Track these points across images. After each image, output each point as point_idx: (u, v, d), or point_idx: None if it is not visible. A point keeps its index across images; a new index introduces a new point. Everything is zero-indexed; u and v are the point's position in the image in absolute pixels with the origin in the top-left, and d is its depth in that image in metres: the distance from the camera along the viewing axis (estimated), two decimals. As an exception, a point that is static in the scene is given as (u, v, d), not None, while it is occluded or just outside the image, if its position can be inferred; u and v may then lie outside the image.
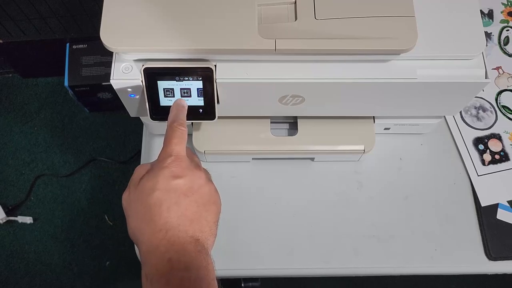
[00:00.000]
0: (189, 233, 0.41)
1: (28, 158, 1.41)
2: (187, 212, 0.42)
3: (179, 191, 0.42)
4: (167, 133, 0.46)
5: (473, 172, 0.69)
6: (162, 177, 0.43)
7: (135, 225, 0.43)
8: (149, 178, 0.43)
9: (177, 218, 0.41)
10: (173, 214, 0.41)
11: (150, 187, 0.42)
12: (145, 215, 0.42)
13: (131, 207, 0.44)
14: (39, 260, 1.32)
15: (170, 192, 0.42)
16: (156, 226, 0.41)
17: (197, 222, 0.42)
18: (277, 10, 0.51)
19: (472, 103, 0.73)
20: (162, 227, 0.41)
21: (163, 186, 0.42)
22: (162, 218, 0.41)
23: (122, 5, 0.49)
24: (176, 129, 0.46)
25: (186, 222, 0.42)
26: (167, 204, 0.42)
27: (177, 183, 0.42)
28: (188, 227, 0.42)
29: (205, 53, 0.49)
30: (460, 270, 0.64)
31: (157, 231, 0.41)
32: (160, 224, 0.41)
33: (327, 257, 0.64)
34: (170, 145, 0.45)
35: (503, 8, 0.79)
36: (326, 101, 0.56)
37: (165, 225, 0.41)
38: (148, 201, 0.42)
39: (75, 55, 1.25)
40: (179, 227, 0.41)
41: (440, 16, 0.52)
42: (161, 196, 0.42)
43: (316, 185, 0.68)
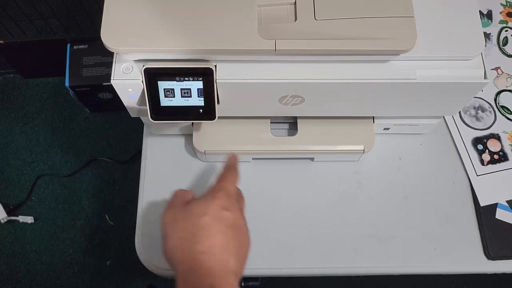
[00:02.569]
0: (229, 264, 0.43)
1: (29, 158, 1.42)
2: (230, 244, 0.44)
3: (226, 223, 0.45)
4: (224, 171, 0.52)
5: (472, 172, 0.69)
6: (214, 205, 0.45)
7: (176, 243, 0.45)
8: (200, 203, 0.46)
9: (221, 246, 0.43)
10: (218, 242, 0.43)
11: (201, 211, 0.45)
12: (192, 235, 0.44)
13: (176, 225, 0.46)
14: (40, 259, 1.32)
15: (219, 221, 0.45)
16: (202, 247, 0.43)
17: (236, 256, 0.44)
18: (277, 11, 0.51)
19: (471, 103, 0.74)
20: (207, 250, 0.43)
21: (213, 213, 0.45)
22: (208, 241, 0.43)
23: (122, 6, 0.49)
24: (233, 170, 0.52)
25: (228, 253, 0.44)
26: (215, 230, 0.44)
27: (226, 214, 0.45)
28: (229, 258, 0.43)
29: (205, 53, 0.50)
30: (460, 269, 0.64)
31: (201, 253, 0.42)
32: (206, 247, 0.43)
33: (327, 257, 0.64)
34: (225, 181, 0.49)
35: (502, 9, 0.80)
36: (326, 101, 0.57)
37: (210, 249, 0.43)
38: (198, 222, 0.44)
39: (75, 55, 1.25)
40: (222, 255, 0.43)
41: (439, 16, 0.53)
42: (210, 221, 0.44)
43: (316, 185, 0.69)
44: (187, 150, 0.70)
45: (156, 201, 0.67)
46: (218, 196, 0.47)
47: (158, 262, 0.64)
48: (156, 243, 0.65)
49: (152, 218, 0.66)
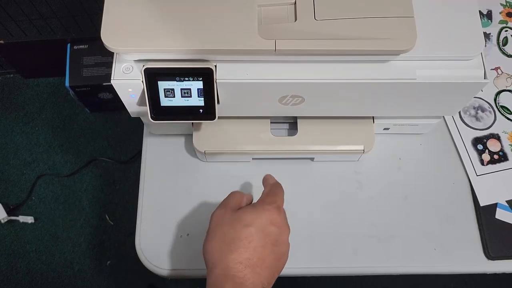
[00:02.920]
0: (261, 278, 0.44)
1: (29, 158, 1.42)
2: (267, 258, 0.45)
3: (269, 238, 0.46)
4: (276, 186, 0.53)
5: (472, 172, 0.69)
6: (262, 216, 0.47)
7: (217, 245, 0.46)
8: (250, 212, 0.47)
9: (258, 260, 0.45)
10: (256, 255, 0.45)
11: (249, 220, 0.46)
12: (233, 242, 0.45)
13: (221, 228, 0.47)
14: (40, 259, 1.32)
15: (262, 234, 0.46)
16: (239, 257, 0.44)
17: (270, 271, 0.46)
18: (277, 11, 0.51)
19: (471, 103, 0.74)
20: (243, 261, 0.44)
21: (259, 225, 0.46)
22: (247, 252, 0.44)
23: (123, 6, 0.49)
24: (281, 188, 0.54)
25: (263, 267, 0.45)
26: (256, 243, 0.45)
27: (271, 229, 0.46)
28: (263, 272, 0.45)
29: (205, 53, 0.50)
30: (459, 269, 0.64)
31: (238, 262, 0.44)
32: (243, 257, 0.44)
33: (327, 257, 0.64)
34: (277, 196, 0.51)
35: (502, 9, 0.80)
36: (326, 101, 0.57)
37: (247, 261, 0.44)
38: (242, 232, 0.45)
39: (76, 55, 1.25)
40: (257, 269, 0.44)
41: (439, 16, 0.53)
42: (254, 233, 0.45)
43: (316, 185, 0.69)
44: (187, 150, 0.70)
45: (156, 201, 0.67)
46: (268, 209, 0.48)
47: (158, 262, 0.64)
48: (156, 243, 0.65)
49: (152, 218, 0.66)
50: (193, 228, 0.66)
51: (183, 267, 0.64)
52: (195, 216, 0.66)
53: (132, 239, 0.65)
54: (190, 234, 0.65)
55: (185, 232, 0.65)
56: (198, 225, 0.66)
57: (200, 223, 0.66)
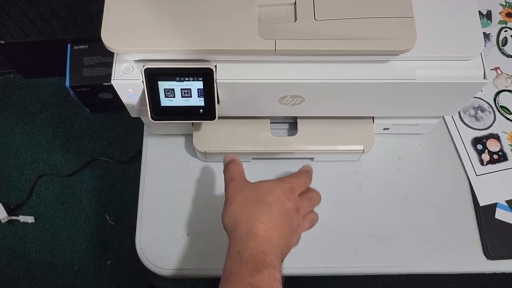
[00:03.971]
0: (279, 243, 0.46)
1: (29, 158, 1.42)
2: (282, 227, 0.47)
3: (284, 208, 0.48)
4: (299, 172, 0.54)
5: (471, 172, 0.69)
6: (279, 189, 0.49)
7: (239, 207, 0.48)
8: (267, 184, 0.50)
9: (276, 225, 0.47)
10: (275, 220, 0.47)
11: (267, 189, 0.49)
12: (255, 205, 0.47)
13: (241, 193, 0.49)
14: (40, 259, 1.32)
15: (279, 203, 0.48)
16: (262, 217, 0.46)
17: (285, 240, 0.47)
18: (277, 11, 0.51)
19: (471, 103, 0.74)
20: (266, 222, 0.46)
21: (277, 195, 0.48)
22: (268, 215, 0.46)
23: (123, 6, 0.49)
24: (306, 176, 0.54)
25: (280, 234, 0.47)
26: (274, 209, 0.47)
27: (286, 202, 0.48)
28: (280, 237, 0.47)
29: (205, 53, 0.50)
30: (459, 269, 0.65)
31: (261, 222, 0.46)
32: (265, 219, 0.46)
33: (327, 257, 0.65)
34: (296, 179, 0.52)
35: (502, 9, 0.80)
36: (326, 101, 0.57)
37: (268, 222, 0.46)
38: (262, 197, 0.48)
39: (76, 55, 1.26)
40: (275, 232, 0.46)
41: (439, 17, 0.53)
42: (272, 200, 0.48)
43: (315, 185, 0.68)
44: (187, 150, 0.70)
45: (156, 201, 0.67)
46: (283, 186, 0.49)
47: (158, 262, 0.64)
48: (157, 243, 0.65)
49: (153, 218, 0.66)
50: (193, 228, 0.66)
51: (183, 267, 0.64)
52: (195, 216, 0.67)
53: (132, 239, 0.65)
54: (190, 234, 0.66)
55: (185, 232, 0.66)
56: (198, 225, 0.66)
57: (200, 223, 0.66)
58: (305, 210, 0.51)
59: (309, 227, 0.53)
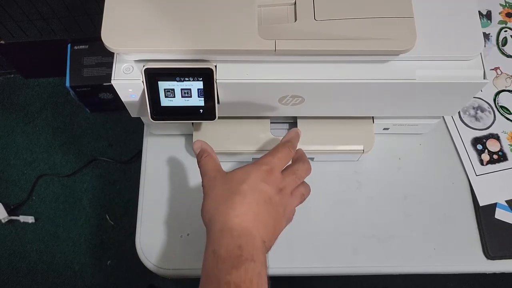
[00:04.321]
0: (260, 233, 0.44)
1: (29, 158, 1.42)
2: (262, 216, 0.45)
3: (263, 195, 0.46)
4: (277, 146, 0.51)
5: (471, 172, 0.69)
6: (254, 175, 0.46)
7: (213, 205, 0.46)
8: (241, 172, 0.47)
9: (254, 215, 0.44)
10: (252, 210, 0.45)
11: (241, 178, 0.46)
12: (228, 199, 0.45)
13: (215, 188, 0.47)
14: (40, 259, 1.33)
15: (255, 191, 0.45)
16: (235, 211, 0.44)
17: (267, 228, 0.45)
18: (277, 11, 0.51)
19: (471, 103, 0.74)
20: (240, 214, 0.44)
21: (251, 183, 0.46)
22: (242, 207, 0.44)
23: (123, 6, 0.49)
24: (287, 148, 0.51)
25: (260, 223, 0.45)
26: (249, 199, 0.45)
27: (262, 187, 0.46)
28: (261, 228, 0.45)
29: (205, 53, 0.50)
30: (459, 269, 0.65)
31: (234, 216, 0.44)
32: (239, 212, 0.44)
33: (326, 257, 0.65)
34: (273, 157, 0.49)
35: (501, 9, 0.80)
36: (326, 101, 0.57)
37: (242, 216, 0.44)
38: (235, 188, 0.45)
39: (76, 55, 1.26)
40: (253, 223, 0.44)
41: (439, 17, 0.53)
42: (247, 189, 0.45)
43: (315, 185, 0.68)
44: (187, 150, 0.70)
45: (156, 201, 0.67)
46: (260, 169, 0.47)
47: (158, 262, 0.64)
48: (157, 243, 0.65)
49: (153, 218, 0.66)
50: (193, 228, 0.66)
51: (183, 267, 0.64)
52: (195, 216, 0.66)
53: (133, 239, 0.65)
54: (190, 234, 0.66)
55: (185, 232, 0.66)
56: (198, 225, 0.65)
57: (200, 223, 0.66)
58: (291, 187, 0.49)
59: (300, 202, 0.51)
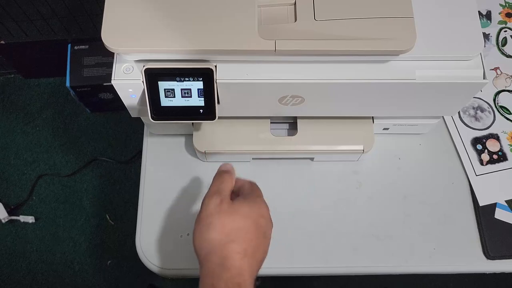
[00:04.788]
0: (253, 269, 0.46)
1: (30, 158, 1.42)
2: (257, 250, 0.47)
3: (260, 230, 0.48)
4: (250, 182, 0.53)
5: (471, 172, 0.69)
6: (255, 209, 0.48)
7: (216, 235, 0.46)
8: (245, 204, 0.48)
9: (252, 251, 0.46)
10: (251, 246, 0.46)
11: (246, 212, 0.47)
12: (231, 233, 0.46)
13: (220, 217, 0.47)
14: (40, 259, 1.33)
15: (256, 226, 0.47)
16: (238, 247, 0.45)
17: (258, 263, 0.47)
18: (277, 11, 0.52)
19: (470, 103, 0.74)
20: (241, 251, 0.45)
21: (254, 218, 0.47)
22: (245, 243, 0.45)
23: (123, 6, 0.49)
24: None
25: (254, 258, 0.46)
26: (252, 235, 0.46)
27: (262, 222, 0.48)
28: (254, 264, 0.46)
29: (205, 53, 0.50)
30: (459, 269, 0.65)
31: (237, 252, 0.45)
32: (242, 248, 0.45)
33: (326, 257, 0.65)
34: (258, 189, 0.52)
35: (501, 9, 0.80)
36: (326, 102, 0.57)
37: (244, 251, 0.45)
38: (240, 223, 0.46)
39: (76, 55, 1.26)
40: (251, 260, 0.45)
41: (438, 17, 0.53)
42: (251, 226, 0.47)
43: (315, 185, 0.69)
44: (187, 150, 0.70)
45: (156, 201, 0.67)
46: (258, 202, 0.49)
47: (158, 262, 0.64)
48: (157, 242, 0.65)
49: (153, 218, 0.66)
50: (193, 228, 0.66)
51: (183, 267, 0.64)
52: (195, 216, 0.66)
53: (133, 239, 0.65)
54: (190, 234, 0.65)
55: (185, 232, 0.66)
56: (198, 224, 0.66)
57: (200, 223, 0.66)
58: None
59: None
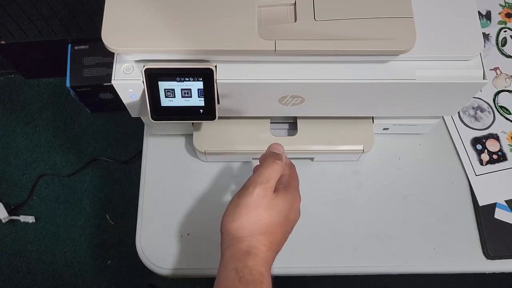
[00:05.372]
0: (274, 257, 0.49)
1: (30, 158, 1.42)
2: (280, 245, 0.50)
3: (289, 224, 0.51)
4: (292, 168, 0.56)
5: (471, 172, 0.69)
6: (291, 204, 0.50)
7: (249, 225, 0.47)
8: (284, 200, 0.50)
9: (276, 245, 0.49)
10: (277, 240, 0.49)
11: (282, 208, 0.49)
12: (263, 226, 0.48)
13: (258, 210, 0.48)
14: (41, 259, 1.33)
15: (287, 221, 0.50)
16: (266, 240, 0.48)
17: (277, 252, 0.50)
18: (277, 11, 0.52)
19: (470, 103, 0.74)
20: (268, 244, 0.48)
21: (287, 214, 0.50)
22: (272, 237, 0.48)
23: (123, 7, 0.49)
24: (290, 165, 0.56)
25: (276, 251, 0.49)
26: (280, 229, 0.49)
27: (293, 216, 0.51)
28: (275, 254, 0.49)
29: (205, 54, 0.50)
30: (458, 269, 0.65)
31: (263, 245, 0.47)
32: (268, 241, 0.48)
33: (326, 256, 0.65)
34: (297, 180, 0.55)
35: (501, 10, 0.80)
36: (326, 102, 0.57)
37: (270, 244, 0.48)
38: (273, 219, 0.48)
39: (76, 56, 1.26)
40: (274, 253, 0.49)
41: (438, 17, 0.53)
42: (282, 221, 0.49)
43: (315, 185, 0.69)
44: (187, 150, 0.70)
45: (156, 201, 0.68)
46: (296, 198, 0.52)
47: (158, 262, 0.64)
48: (157, 242, 0.65)
49: (153, 218, 0.66)
50: (193, 228, 0.66)
51: (184, 267, 0.64)
52: (195, 216, 0.67)
53: (133, 239, 0.65)
54: (190, 233, 0.66)
55: (186, 231, 0.66)
56: (198, 225, 0.66)
57: (200, 223, 0.66)
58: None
59: None
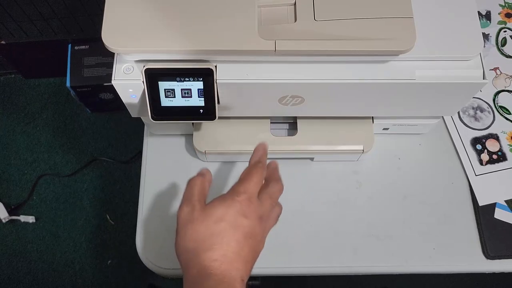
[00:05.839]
0: (239, 273, 0.43)
1: (30, 158, 1.42)
2: (242, 252, 0.43)
3: (242, 230, 0.44)
4: (250, 170, 0.48)
5: (471, 172, 0.69)
6: (232, 210, 0.44)
7: (190, 245, 0.43)
8: (220, 206, 0.45)
9: (233, 254, 0.43)
10: (231, 250, 0.43)
11: (219, 215, 0.44)
12: (206, 240, 0.43)
13: (192, 225, 0.44)
14: (41, 259, 1.33)
15: (235, 228, 0.43)
16: (214, 254, 0.42)
17: (246, 264, 0.44)
18: (277, 11, 0.52)
19: (470, 103, 0.74)
20: (219, 257, 0.42)
21: (230, 219, 0.44)
22: (222, 249, 0.42)
23: (123, 7, 0.49)
24: (260, 170, 0.48)
25: (239, 260, 0.43)
26: (229, 238, 0.43)
27: (243, 222, 0.44)
28: (239, 265, 0.43)
29: (205, 54, 0.50)
30: (458, 269, 0.65)
31: (213, 260, 0.42)
32: (218, 254, 0.42)
33: (326, 257, 0.65)
34: (249, 182, 0.46)
35: (501, 10, 0.80)
36: (326, 102, 0.57)
37: (222, 257, 0.42)
38: (213, 228, 0.43)
39: (77, 56, 1.26)
40: (233, 264, 0.43)
41: (438, 17, 0.53)
42: (226, 228, 0.43)
43: (315, 185, 0.69)
44: (187, 150, 0.70)
45: (156, 201, 0.68)
46: (238, 201, 0.45)
47: (158, 262, 0.64)
48: (157, 242, 0.65)
49: (153, 218, 0.67)
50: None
51: (184, 266, 0.64)
52: (195, 216, 0.67)
53: (133, 239, 0.66)
54: (190, 233, 0.66)
55: (186, 231, 0.66)
56: (198, 224, 0.66)
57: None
58: (269, 212, 0.47)
59: (275, 223, 0.50)
